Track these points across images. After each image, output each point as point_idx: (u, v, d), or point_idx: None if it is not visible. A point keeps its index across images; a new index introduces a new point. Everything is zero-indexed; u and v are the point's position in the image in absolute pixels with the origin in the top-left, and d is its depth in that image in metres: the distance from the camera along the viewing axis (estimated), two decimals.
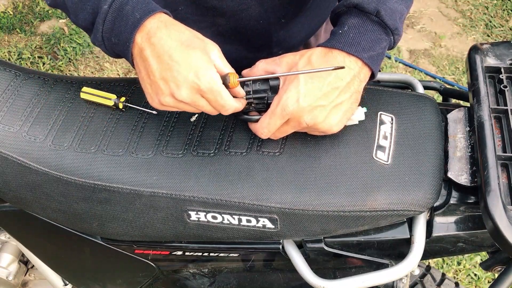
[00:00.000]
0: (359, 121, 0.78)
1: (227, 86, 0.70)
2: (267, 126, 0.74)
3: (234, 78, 0.70)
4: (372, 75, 0.75)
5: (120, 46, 0.72)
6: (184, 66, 0.67)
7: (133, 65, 0.74)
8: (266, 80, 0.75)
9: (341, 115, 0.73)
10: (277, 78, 0.75)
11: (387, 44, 0.74)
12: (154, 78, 0.70)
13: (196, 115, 0.83)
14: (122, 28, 0.71)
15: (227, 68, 0.72)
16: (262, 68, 0.77)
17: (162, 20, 0.71)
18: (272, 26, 0.93)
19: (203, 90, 0.68)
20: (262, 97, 0.75)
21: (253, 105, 0.76)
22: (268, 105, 0.75)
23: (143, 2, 0.71)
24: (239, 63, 0.96)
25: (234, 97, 0.72)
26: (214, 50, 0.71)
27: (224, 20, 0.90)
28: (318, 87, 0.70)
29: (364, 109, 0.78)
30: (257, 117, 0.76)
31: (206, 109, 0.72)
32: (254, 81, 0.76)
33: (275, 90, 0.74)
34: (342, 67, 0.69)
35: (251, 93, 0.75)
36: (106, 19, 0.71)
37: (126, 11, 0.70)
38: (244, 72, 0.79)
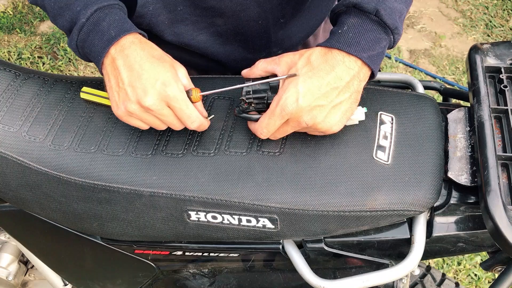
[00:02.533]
0: (359, 121, 0.78)
1: (190, 100, 0.74)
2: (266, 126, 0.73)
3: (196, 93, 0.75)
4: (372, 75, 0.75)
5: (92, 57, 0.76)
6: (153, 75, 0.71)
7: (101, 72, 0.77)
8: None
9: (340, 115, 0.73)
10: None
11: (387, 44, 0.74)
12: (123, 85, 0.72)
13: None
14: (96, 41, 0.74)
15: (192, 87, 0.76)
16: (262, 67, 0.77)
17: (136, 37, 0.75)
18: (271, 26, 0.93)
19: (169, 96, 0.71)
20: (262, 97, 0.75)
21: (253, 105, 0.76)
22: (268, 105, 0.74)
23: (119, 21, 0.75)
24: (239, 63, 0.95)
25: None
26: (181, 70, 0.76)
27: (223, 20, 0.90)
28: (317, 86, 0.70)
29: (364, 109, 0.78)
30: (257, 116, 0.76)
31: (170, 120, 0.74)
32: (254, 80, 0.76)
33: (275, 90, 0.74)
34: (294, 75, 0.71)
35: (251, 93, 0.75)
36: (82, 31, 0.75)
37: (102, 26, 0.74)
38: (244, 72, 0.79)
